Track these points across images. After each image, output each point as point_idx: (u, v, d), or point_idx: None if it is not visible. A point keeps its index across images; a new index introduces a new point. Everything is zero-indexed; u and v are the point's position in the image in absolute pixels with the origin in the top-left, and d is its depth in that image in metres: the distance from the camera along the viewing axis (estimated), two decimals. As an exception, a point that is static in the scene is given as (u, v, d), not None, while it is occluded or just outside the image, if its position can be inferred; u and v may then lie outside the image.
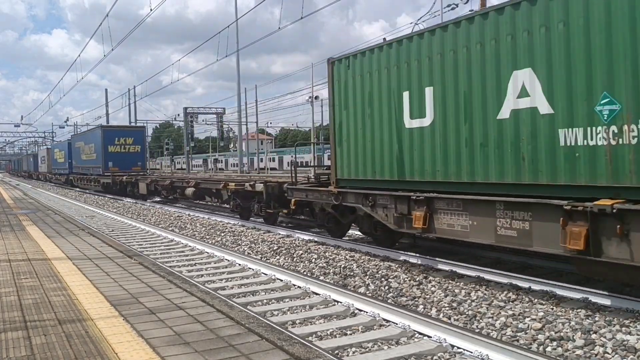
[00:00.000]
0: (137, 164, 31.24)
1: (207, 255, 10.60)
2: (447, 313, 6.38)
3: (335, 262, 9.37)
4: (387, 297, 7.23)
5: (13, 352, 3.73)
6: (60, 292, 5.55)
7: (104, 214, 19.92)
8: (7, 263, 7.34)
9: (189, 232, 14.23)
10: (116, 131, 32.42)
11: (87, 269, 6.87)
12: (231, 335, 4.07)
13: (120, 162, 30.45)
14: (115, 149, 30.79)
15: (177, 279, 6.30)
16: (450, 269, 8.42)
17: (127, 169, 30.01)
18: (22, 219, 13.94)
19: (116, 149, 30.83)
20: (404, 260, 9.27)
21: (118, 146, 30.88)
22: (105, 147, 30.60)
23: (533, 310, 6.19)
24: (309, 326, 5.97)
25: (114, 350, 3.74)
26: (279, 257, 10.30)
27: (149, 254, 10.30)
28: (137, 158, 31.61)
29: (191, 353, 3.69)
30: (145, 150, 33.56)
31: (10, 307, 4.98)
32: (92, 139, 33.25)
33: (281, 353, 3.65)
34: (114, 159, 30.56)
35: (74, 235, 10.47)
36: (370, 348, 5.27)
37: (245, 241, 12.22)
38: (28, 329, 4.28)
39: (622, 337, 5.27)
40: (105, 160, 30.57)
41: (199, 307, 4.90)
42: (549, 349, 5.21)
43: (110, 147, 30.69)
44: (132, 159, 31.15)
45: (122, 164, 30.32)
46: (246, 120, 54.46)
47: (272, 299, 7.17)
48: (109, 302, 5.10)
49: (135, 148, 31.58)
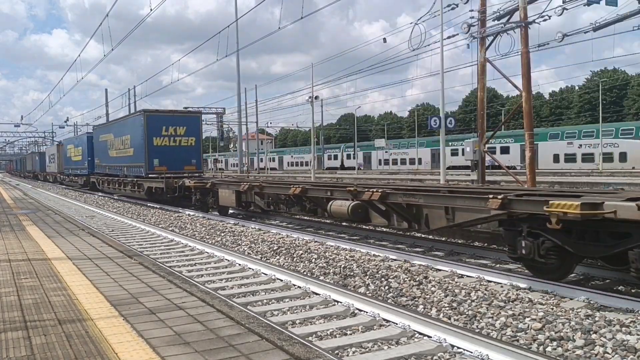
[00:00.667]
0: (190, 161, 23.14)
1: (207, 255, 10.60)
2: (447, 313, 6.38)
3: (335, 262, 9.37)
4: (387, 297, 7.23)
5: (13, 352, 3.73)
6: (60, 292, 5.55)
7: (104, 214, 19.92)
8: (7, 263, 7.33)
9: (189, 232, 14.23)
10: (164, 117, 23.10)
11: (87, 269, 6.87)
12: (231, 335, 4.07)
13: (170, 159, 22.52)
14: (162, 141, 22.52)
15: (177, 279, 6.30)
16: (450, 269, 8.42)
17: (178, 169, 22.42)
18: (22, 219, 13.94)
19: (164, 141, 22.55)
20: (404, 260, 9.27)
21: (166, 138, 22.54)
22: (150, 139, 22.29)
23: (533, 310, 6.19)
24: (309, 326, 5.97)
25: (114, 350, 3.74)
26: (279, 257, 10.30)
27: (149, 254, 10.30)
28: (192, 154, 23.30)
29: (191, 353, 3.69)
30: (201, 143, 24.18)
31: (10, 307, 4.97)
32: (129, 129, 24.86)
33: (281, 353, 3.65)
34: (161, 155, 22.48)
35: (74, 235, 10.47)
36: (370, 348, 5.27)
37: (245, 241, 12.22)
38: (28, 329, 4.28)
39: (622, 337, 5.27)
40: (150, 156, 22.39)
41: (199, 307, 4.90)
42: (549, 349, 5.21)
43: (156, 139, 22.38)
44: (185, 154, 23.04)
45: (171, 162, 22.52)
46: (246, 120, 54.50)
47: (272, 299, 7.16)
48: (109, 302, 5.09)
49: (189, 140, 23.13)
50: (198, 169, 23.60)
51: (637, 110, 71.45)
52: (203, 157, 25.99)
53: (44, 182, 54.67)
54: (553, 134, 50.14)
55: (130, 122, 25.03)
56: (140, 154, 22.91)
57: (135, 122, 23.78)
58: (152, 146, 22.42)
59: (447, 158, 35.96)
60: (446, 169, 22.82)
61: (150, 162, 22.46)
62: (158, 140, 22.49)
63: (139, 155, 23.09)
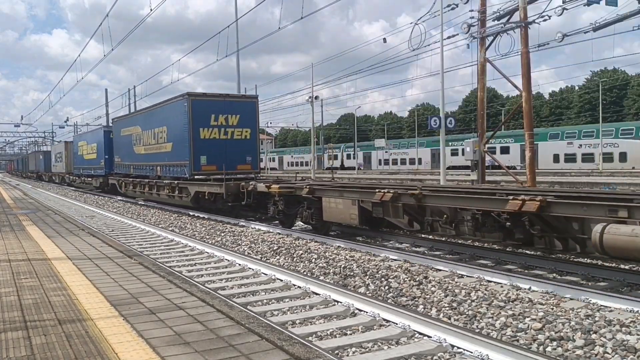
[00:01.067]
0: (245, 159, 18.43)
1: (207, 255, 10.60)
2: (447, 313, 6.38)
3: (335, 262, 9.37)
4: (387, 297, 7.23)
5: (13, 352, 3.73)
6: (60, 292, 5.55)
7: (104, 214, 19.93)
8: (7, 263, 7.33)
9: (189, 232, 14.23)
10: (213, 103, 18.12)
11: (87, 269, 6.87)
12: (231, 335, 4.07)
13: (220, 157, 17.81)
14: (211, 133, 17.84)
15: (177, 279, 6.30)
16: (450, 269, 8.42)
17: (230, 169, 17.59)
18: (22, 219, 13.94)
19: (213, 133, 17.88)
20: (404, 260, 9.27)
21: (216, 129, 17.90)
22: (196, 131, 17.65)
23: (533, 310, 6.19)
24: (309, 326, 5.97)
25: (114, 350, 3.74)
26: (279, 257, 10.30)
27: (149, 254, 10.30)
28: (246, 149, 18.53)
29: (191, 353, 3.68)
30: (257, 136, 19.42)
31: (10, 307, 4.97)
32: (166, 118, 19.92)
33: (281, 353, 3.65)
34: (210, 151, 17.83)
35: (74, 235, 10.47)
36: (370, 348, 5.27)
37: (245, 241, 12.22)
38: (28, 329, 4.28)
39: (622, 337, 5.27)
40: (196, 153, 17.73)
41: (199, 307, 4.90)
42: (549, 349, 5.21)
43: (204, 130, 17.71)
44: (239, 150, 18.32)
45: (221, 160, 17.68)
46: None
47: (272, 299, 7.17)
48: (109, 302, 5.09)
49: (243, 132, 18.48)
50: (254, 168, 18.74)
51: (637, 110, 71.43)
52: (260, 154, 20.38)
53: (48, 183, 51.99)
54: (553, 134, 50.15)
55: (168, 110, 19.80)
56: (183, 149, 18.11)
57: (176, 109, 18.68)
58: (199, 140, 17.62)
59: (447, 158, 35.95)
60: (446, 169, 22.81)
61: (197, 160, 17.74)
62: (206, 132, 17.73)
63: (181, 151, 18.31)
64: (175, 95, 19.06)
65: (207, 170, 17.76)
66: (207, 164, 17.77)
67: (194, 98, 17.83)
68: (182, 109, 18.00)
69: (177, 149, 18.75)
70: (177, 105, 18.67)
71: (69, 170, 40.80)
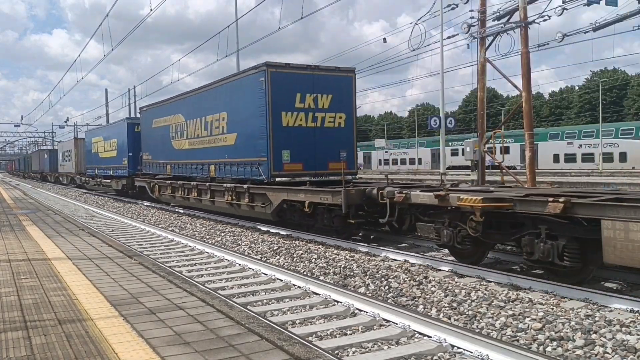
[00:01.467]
0: (339, 155, 13.83)
1: (207, 255, 10.60)
2: (447, 313, 6.38)
3: (335, 262, 9.37)
4: (387, 297, 7.23)
5: (13, 352, 3.73)
6: (60, 292, 5.55)
7: (104, 214, 19.92)
8: (7, 263, 7.33)
9: (189, 232, 14.23)
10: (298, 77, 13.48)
11: (87, 269, 6.87)
12: (231, 335, 4.07)
13: (307, 152, 13.48)
14: (296, 120, 13.29)
15: (177, 279, 6.30)
16: (450, 269, 8.42)
17: (321, 168, 13.62)
18: (22, 219, 13.94)
19: (299, 120, 13.32)
20: (404, 260, 9.27)
21: (302, 114, 13.35)
22: (276, 115, 13.05)
23: (533, 310, 6.19)
24: (309, 326, 5.97)
25: (114, 350, 3.74)
26: (279, 257, 10.30)
27: (149, 254, 10.30)
28: (341, 142, 14.02)
29: (191, 353, 3.69)
30: (354, 124, 14.50)
31: (10, 307, 4.98)
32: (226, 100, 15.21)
33: (281, 353, 3.65)
34: (294, 144, 13.32)
35: (74, 235, 10.47)
36: (370, 348, 5.27)
37: (245, 241, 12.22)
38: (28, 329, 4.28)
39: (622, 337, 5.27)
40: (277, 146, 13.14)
41: (199, 307, 4.90)
42: (549, 349, 5.21)
43: (287, 115, 13.15)
44: (331, 143, 13.82)
45: (309, 156, 13.50)
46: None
47: (272, 299, 7.17)
48: (109, 302, 5.10)
49: (337, 119, 13.92)
50: (350, 168, 13.88)
51: (637, 110, 71.45)
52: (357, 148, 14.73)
53: (55, 185, 47.33)
54: (553, 134, 50.18)
55: (230, 89, 14.82)
56: (255, 142, 13.37)
57: (245, 87, 13.84)
58: (280, 128, 12.94)
59: (447, 158, 35.97)
60: (446, 169, 22.81)
61: (278, 156, 13.00)
62: (289, 118, 13.04)
63: (252, 144, 13.59)
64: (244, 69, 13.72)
65: (292, 170, 13.13)
66: (291, 161, 13.13)
67: (275, 70, 12.98)
68: (256, 86, 13.15)
69: (245, 141, 14.01)
70: (248, 82, 13.71)
71: (80, 170, 36.69)
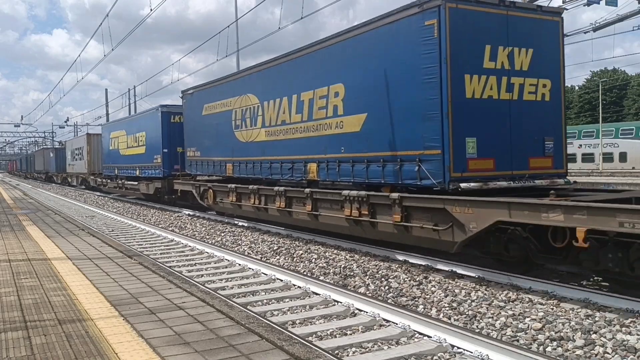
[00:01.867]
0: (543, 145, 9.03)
1: (207, 255, 10.60)
2: (447, 313, 6.38)
3: (335, 262, 9.37)
4: (387, 297, 7.23)
5: (13, 352, 3.73)
6: (60, 292, 5.55)
7: (104, 214, 19.92)
8: (7, 263, 7.34)
9: (189, 232, 14.23)
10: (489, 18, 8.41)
11: (87, 269, 6.87)
12: (231, 335, 4.07)
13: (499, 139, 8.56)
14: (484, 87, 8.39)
15: (177, 279, 6.30)
16: (450, 269, 8.42)
17: (519, 167, 8.71)
18: (22, 219, 13.94)
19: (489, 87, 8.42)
20: (404, 260, 9.26)
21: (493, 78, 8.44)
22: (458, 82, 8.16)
23: (533, 310, 6.19)
24: (309, 326, 5.97)
25: (114, 350, 3.74)
26: (279, 257, 10.30)
27: (149, 254, 10.30)
28: (545, 124, 9.01)
29: (191, 353, 3.69)
30: (562, 98, 9.28)
31: (10, 307, 4.98)
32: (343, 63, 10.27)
33: (281, 353, 3.65)
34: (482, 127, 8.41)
35: (74, 235, 10.47)
36: (370, 348, 5.27)
37: (245, 241, 12.22)
38: (28, 329, 4.28)
39: (622, 337, 5.27)
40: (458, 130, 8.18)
41: (199, 307, 4.90)
42: (549, 349, 5.21)
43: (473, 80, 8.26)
44: (533, 126, 8.86)
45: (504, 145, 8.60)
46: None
47: (272, 299, 7.17)
48: (109, 302, 5.10)
49: (540, 88, 8.92)
50: (557, 166, 9.28)
51: (637, 110, 71.42)
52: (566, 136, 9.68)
53: (62, 187, 43.08)
54: (553, 134, 50.03)
55: (361, 44, 9.90)
56: (417, 125, 8.74)
57: (398, 34, 8.99)
58: (463, 101, 8.31)
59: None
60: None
61: (459, 146, 8.29)
62: (475, 85, 8.39)
63: (407, 129, 8.95)
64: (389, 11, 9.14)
65: (480, 169, 8.45)
66: (478, 156, 8.41)
67: (456, 5, 8.17)
68: (418, 34, 8.48)
69: (387, 125, 9.35)
70: (398, 30, 8.98)
71: (94, 170, 31.81)
